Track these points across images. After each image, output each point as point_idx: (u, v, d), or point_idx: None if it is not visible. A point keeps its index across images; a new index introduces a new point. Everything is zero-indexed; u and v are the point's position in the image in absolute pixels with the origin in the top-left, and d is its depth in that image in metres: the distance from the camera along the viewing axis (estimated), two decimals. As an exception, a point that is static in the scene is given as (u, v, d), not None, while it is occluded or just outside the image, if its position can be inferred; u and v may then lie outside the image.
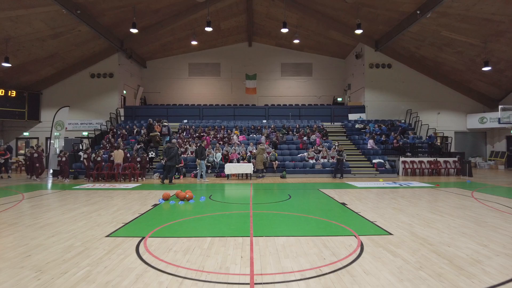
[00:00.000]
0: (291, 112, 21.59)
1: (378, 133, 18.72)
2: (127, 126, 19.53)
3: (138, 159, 14.25)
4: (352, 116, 21.53)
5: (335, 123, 21.31)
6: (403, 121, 21.39)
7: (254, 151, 15.35)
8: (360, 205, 7.89)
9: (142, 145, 16.38)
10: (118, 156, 14.07)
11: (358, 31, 17.55)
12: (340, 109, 22.23)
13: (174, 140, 12.66)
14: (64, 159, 14.05)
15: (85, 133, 20.76)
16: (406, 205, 7.90)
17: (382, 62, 22.04)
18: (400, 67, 22.03)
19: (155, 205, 7.98)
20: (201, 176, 13.52)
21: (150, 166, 15.44)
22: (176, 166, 14.10)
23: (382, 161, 15.87)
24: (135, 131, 18.93)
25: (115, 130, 18.87)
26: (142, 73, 25.79)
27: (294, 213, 6.88)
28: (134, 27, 17.36)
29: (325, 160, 15.77)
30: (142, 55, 24.71)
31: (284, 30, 17.67)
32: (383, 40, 20.76)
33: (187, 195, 8.47)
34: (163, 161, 12.48)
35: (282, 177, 14.64)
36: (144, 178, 14.32)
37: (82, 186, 12.13)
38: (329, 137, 18.63)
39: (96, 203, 8.22)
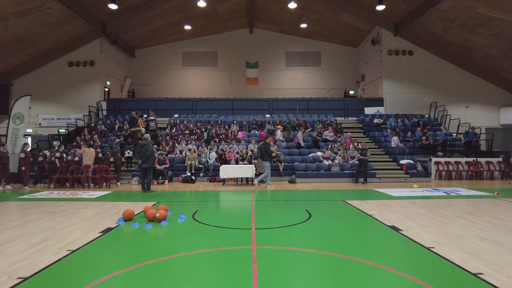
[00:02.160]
0: (299, 105, 18.80)
1: (402, 129, 15.92)
2: (108, 121, 16.78)
3: (112, 159, 11.52)
4: (368, 110, 18.75)
5: (349, 118, 18.52)
6: (427, 115, 18.60)
7: (256, 149, 12.59)
8: (420, 229, 5.12)
9: (122, 139, 13.69)
10: (87, 155, 11.31)
11: (380, 7, 14.82)
12: (354, 102, 19.45)
13: (147, 135, 9.91)
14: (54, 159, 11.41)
15: (62, 130, 18.01)
16: (492, 230, 5.11)
17: (402, 49, 19.25)
18: (423, 54, 19.24)
19: (108, 229, 5.23)
20: (262, 181, 11.16)
21: (129, 168, 12.70)
22: (160, 168, 11.40)
23: (411, 162, 13.09)
24: (116, 126, 16.18)
25: (92, 125, 16.12)
26: (130, 63, 23.04)
27: (326, 252, 4.10)
28: (113, 2, 14.65)
29: (335, 159, 13.00)
30: (129, 42, 21.96)
31: (292, 6, 14.92)
32: (405, 22, 17.98)
33: (157, 214, 5.70)
34: (138, 163, 9.70)
35: (291, 182, 11.88)
36: (118, 184, 11.57)
37: (35, 194, 9.38)
38: (343, 133, 15.84)
39: (21, 226, 5.47)
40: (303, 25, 20.50)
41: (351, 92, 22.69)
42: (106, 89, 20.09)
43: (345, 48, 23.32)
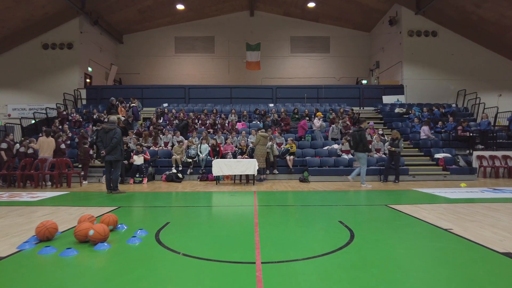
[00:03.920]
0: (307, 93, 16.36)
1: (431, 118, 13.51)
2: (84, 110, 14.39)
3: (88, 139, 9.16)
4: (386, 99, 16.31)
5: (366, 108, 16.08)
6: (453, 104, 16.17)
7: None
8: None
9: (101, 127, 11.27)
10: (44, 146, 8.88)
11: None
12: (370, 90, 17.02)
13: (113, 118, 7.47)
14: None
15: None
16: None
17: (424, 29, 16.86)
18: (449, 35, 16.84)
19: (-11, 263, 2.80)
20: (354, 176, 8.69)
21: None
22: (137, 162, 9.01)
23: (449, 155, 10.65)
24: (94, 116, 13.76)
25: (65, 113, 13.74)
26: (117, 50, 20.65)
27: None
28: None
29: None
30: (115, 25, 19.56)
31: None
32: (428, -3, 15.59)
33: (90, 232, 3.25)
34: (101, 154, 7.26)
35: (303, 180, 9.42)
36: (85, 182, 9.16)
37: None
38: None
39: None
40: (311, 4, 18.18)
41: (364, 82, 20.27)
42: (88, 80, 17.67)
43: (357, 32, 20.90)
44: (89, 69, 17.67)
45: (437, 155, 10.73)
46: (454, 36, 16.79)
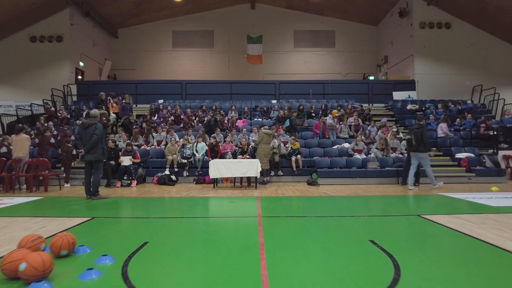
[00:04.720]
0: (312, 89, 15.32)
1: (448, 115, 12.47)
2: (73, 107, 13.38)
3: (72, 137, 8.14)
4: (397, 95, 15.26)
5: (375, 104, 15.03)
6: (469, 101, 15.11)
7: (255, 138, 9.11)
8: None
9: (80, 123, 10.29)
10: (18, 145, 7.86)
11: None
12: (380, 86, 15.94)
13: (95, 111, 6.42)
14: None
15: (23, 120, 14.58)
16: None
17: (437, 21, 15.80)
18: (464, 27, 15.79)
19: None
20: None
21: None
22: (125, 163, 8.02)
23: (473, 155, 9.61)
24: (84, 113, 12.73)
25: (52, 110, 12.73)
26: (111, 44, 19.64)
27: None
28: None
29: (370, 152, 9.46)
30: (109, 18, 18.55)
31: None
32: (442, -14, 14.55)
33: (21, 267, 2.23)
34: (79, 154, 6.23)
35: (311, 183, 8.38)
36: (66, 185, 8.16)
37: None
38: (373, 121, 12.36)
39: None
40: (316, -4, 17.13)
41: (371, 78, 19.23)
42: (80, 77, 16.64)
43: (364, 26, 19.85)
44: (81, 64, 16.66)
45: (458, 155, 9.69)
46: (469, 28, 15.73)
